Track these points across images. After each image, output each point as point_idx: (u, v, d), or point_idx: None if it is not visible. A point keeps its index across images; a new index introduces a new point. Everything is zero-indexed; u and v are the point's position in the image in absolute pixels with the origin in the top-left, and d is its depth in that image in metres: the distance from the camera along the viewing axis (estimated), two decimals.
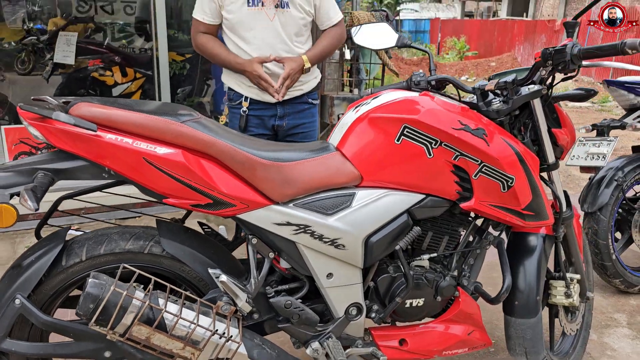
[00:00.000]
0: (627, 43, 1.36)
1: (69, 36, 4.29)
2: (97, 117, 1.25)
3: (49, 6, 4.93)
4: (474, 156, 1.48)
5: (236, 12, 2.10)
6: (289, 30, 2.15)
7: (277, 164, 1.40)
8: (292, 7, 2.14)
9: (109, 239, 1.40)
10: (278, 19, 2.12)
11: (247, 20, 2.10)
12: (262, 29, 2.11)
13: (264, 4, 2.10)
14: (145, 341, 1.24)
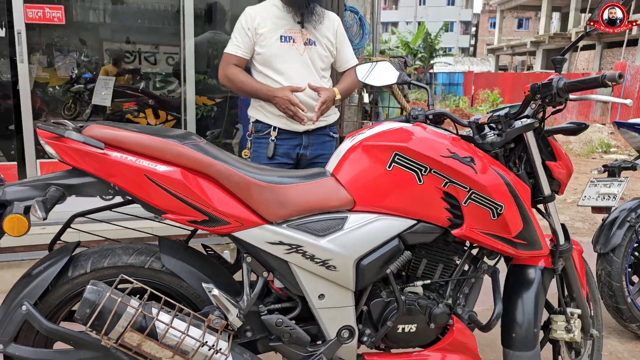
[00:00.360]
0: (607, 75, 1.41)
1: (107, 80, 4.59)
2: (105, 137, 1.37)
3: (96, 57, 5.30)
4: (462, 183, 1.53)
5: (270, 46, 2.28)
6: (317, 64, 2.36)
7: (271, 186, 1.48)
8: (319, 45, 2.35)
9: (113, 254, 1.49)
10: (307, 54, 2.32)
11: (281, 54, 2.28)
12: (294, 62, 2.29)
13: (295, 41, 2.30)
14: (137, 348, 1.31)
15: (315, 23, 2.33)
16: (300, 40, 2.31)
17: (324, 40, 2.38)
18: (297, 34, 2.31)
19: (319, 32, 2.36)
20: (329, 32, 2.40)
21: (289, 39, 2.30)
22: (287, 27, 2.31)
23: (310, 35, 2.34)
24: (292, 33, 2.31)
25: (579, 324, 1.85)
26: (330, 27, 2.41)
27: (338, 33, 2.44)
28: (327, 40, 2.39)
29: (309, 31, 2.33)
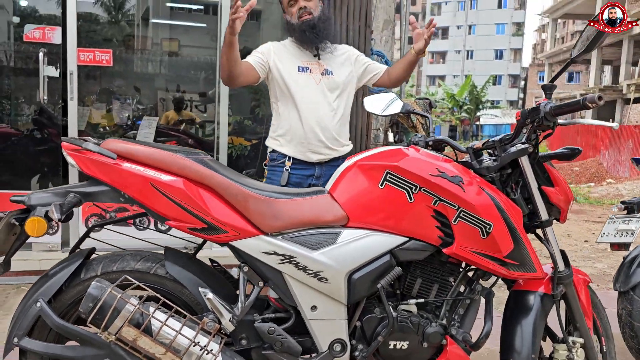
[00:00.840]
0: (587, 98, 1.47)
1: (151, 120, 4.89)
2: (118, 150, 1.53)
3: (151, 105, 5.70)
4: (451, 201, 1.58)
5: (288, 76, 2.39)
6: (335, 92, 2.45)
7: (268, 199, 1.58)
8: (336, 75, 2.45)
9: (122, 259, 1.62)
10: (324, 83, 2.42)
11: (299, 83, 2.40)
12: (311, 90, 2.40)
13: (312, 71, 2.42)
14: (133, 343, 1.41)
15: (331, 53, 2.47)
16: (317, 70, 2.43)
17: (342, 68, 2.47)
18: (314, 65, 2.43)
19: (335, 62, 2.47)
20: (348, 61, 2.51)
21: (306, 69, 2.43)
22: (305, 59, 2.44)
23: (327, 66, 2.45)
24: (309, 64, 2.44)
25: (581, 353, 1.81)
26: (348, 56, 2.52)
27: (359, 58, 2.55)
28: (345, 68, 2.48)
29: (326, 62, 2.45)
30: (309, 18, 2.40)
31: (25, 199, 1.51)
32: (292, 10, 2.43)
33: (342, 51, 2.54)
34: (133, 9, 5.97)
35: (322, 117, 2.38)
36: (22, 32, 3.62)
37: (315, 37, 2.39)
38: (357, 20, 3.71)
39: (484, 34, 51.90)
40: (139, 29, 6.04)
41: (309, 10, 2.40)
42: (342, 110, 2.47)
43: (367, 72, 2.56)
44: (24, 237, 1.55)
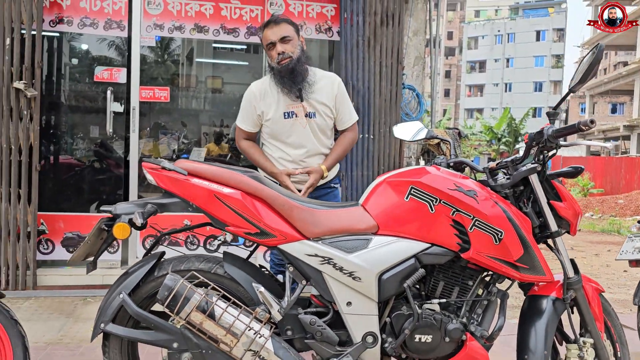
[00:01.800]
0: (581, 122, 1.72)
1: (200, 151, 5.32)
2: (188, 168, 1.86)
3: (195, 139, 6.16)
4: (467, 212, 1.84)
5: (275, 123, 2.57)
6: (318, 134, 2.63)
7: (310, 209, 1.88)
8: (318, 116, 2.60)
9: (188, 260, 1.93)
10: (309, 126, 2.59)
11: (286, 129, 2.57)
12: (299, 134, 2.58)
13: (297, 115, 2.57)
14: (199, 325, 1.70)
15: (312, 93, 2.55)
16: (302, 113, 2.55)
17: (323, 108, 2.59)
18: (299, 107, 2.55)
19: (317, 102, 2.57)
20: (328, 98, 2.59)
21: (292, 114, 2.55)
22: (288, 103, 2.55)
23: (310, 108, 2.56)
24: (294, 108, 2.55)
25: (591, 352, 2.00)
26: (329, 91, 2.60)
27: (337, 95, 2.62)
28: (326, 108, 2.59)
29: (309, 103, 2.56)
30: (288, 62, 2.50)
31: (112, 208, 1.85)
32: (272, 53, 2.55)
33: (324, 90, 2.60)
34: (179, 49, 6.47)
35: (309, 155, 2.59)
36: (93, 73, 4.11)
37: (296, 82, 2.52)
38: (389, 57, 4.05)
39: (522, 66, 51.77)
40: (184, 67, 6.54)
41: (287, 54, 2.51)
42: (326, 145, 2.66)
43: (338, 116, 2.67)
44: (110, 240, 1.89)
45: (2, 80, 3.63)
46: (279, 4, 4.15)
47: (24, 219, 3.70)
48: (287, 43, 2.53)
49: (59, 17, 3.93)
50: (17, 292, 3.69)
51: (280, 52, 2.51)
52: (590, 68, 1.75)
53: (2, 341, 1.92)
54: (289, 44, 2.53)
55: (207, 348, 1.74)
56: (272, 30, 2.54)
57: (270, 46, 2.55)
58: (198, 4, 4.12)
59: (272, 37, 2.53)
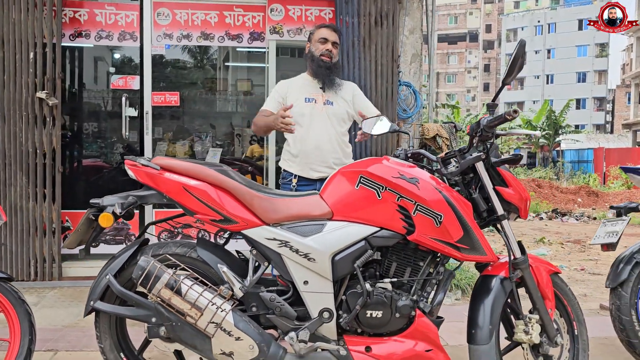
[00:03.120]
0: (505, 112, 1.88)
1: (216, 151, 5.61)
2: (161, 163, 2.10)
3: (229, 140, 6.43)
4: (409, 197, 2.01)
5: (297, 105, 2.99)
6: (333, 120, 3.03)
7: (270, 198, 2.10)
8: (335, 105, 3.05)
9: (166, 245, 2.18)
10: (326, 112, 3.01)
11: (306, 111, 2.99)
12: (315, 117, 2.99)
13: (316, 102, 3.02)
14: (168, 301, 1.95)
15: (335, 88, 3.06)
16: (321, 101, 3.03)
17: (341, 101, 3.06)
18: (319, 96, 3.04)
19: (337, 95, 3.06)
20: (346, 95, 3.09)
21: (312, 99, 3.03)
22: (311, 91, 3.04)
23: (329, 97, 3.04)
24: (315, 95, 3.04)
25: (537, 327, 2.13)
26: (348, 92, 3.11)
27: (356, 96, 3.13)
28: (343, 102, 3.07)
29: (328, 94, 3.05)
30: (328, 61, 3.03)
31: (99, 201, 2.12)
32: (320, 46, 3.03)
33: (345, 90, 3.10)
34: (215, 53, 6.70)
35: (324, 140, 2.93)
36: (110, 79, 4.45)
37: (326, 76, 3.00)
38: (384, 56, 4.21)
39: (565, 57, 50.27)
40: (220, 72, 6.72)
41: (331, 54, 3.04)
42: (342, 134, 3.01)
43: (359, 109, 3.08)
44: (99, 229, 2.16)
45: (27, 91, 4.01)
46: (279, 10, 4.38)
47: (49, 216, 4.07)
48: (335, 48, 3.07)
49: (78, 31, 4.29)
50: (44, 282, 4.07)
51: (329, 49, 3.02)
52: (514, 63, 1.90)
53: (12, 317, 2.22)
54: (336, 49, 3.07)
55: (177, 321, 1.99)
56: (330, 32, 3.06)
57: (323, 40, 3.02)
58: (204, 13, 4.40)
59: (328, 36, 3.03)
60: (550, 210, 12.72)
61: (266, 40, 4.44)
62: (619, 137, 37.37)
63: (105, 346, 2.17)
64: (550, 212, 12.27)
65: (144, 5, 4.34)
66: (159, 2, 4.36)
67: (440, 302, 2.07)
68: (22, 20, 3.99)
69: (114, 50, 5.10)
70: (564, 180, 22.61)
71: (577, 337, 2.31)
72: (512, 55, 1.91)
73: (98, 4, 4.34)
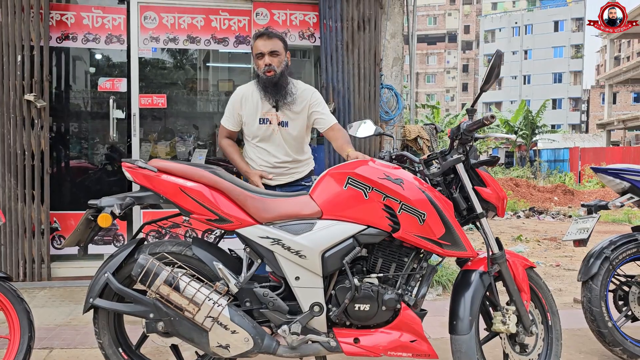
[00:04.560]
0: (484, 117, 2.02)
1: (202, 153, 5.68)
2: (158, 166, 2.20)
3: (211, 141, 6.49)
4: (394, 197, 2.14)
5: (251, 127, 2.88)
6: (289, 142, 2.91)
7: (262, 198, 2.20)
8: (290, 126, 2.88)
9: (163, 244, 2.28)
10: (280, 134, 2.89)
11: (260, 133, 2.88)
12: (271, 139, 2.89)
13: (271, 122, 2.87)
14: (167, 297, 2.04)
15: (288, 105, 2.83)
16: (275, 121, 2.85)
17: (297, 119, 2.86)
18: (273, 116, 2.85)
19: (292, 112, 2.85)
20: (302, 108, 2.87)
21: (266, 120, 2.85)
22: (265, 110, 2.85)
23: (284, 117, 2.85)
24: (269, 115, 2.85)
25: (513, 318, 2.28)
26: (304, 102, 2.87)
27: (313, 103, 2.88)
28: (299, 117, 2.86)
29: (283, 113, 2.85)
30: (272, 75, 2.76)
31: (97, 202, 2.21)
32: (259, 62, 2.79)
33: (300, 102, 2.87)
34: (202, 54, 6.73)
35: (278, 157, 2.89)
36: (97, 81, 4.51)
37: (276, 93, 2.80)
38: (367, 60, 4.35)
39: (541, 58, 51.21)
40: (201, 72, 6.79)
41: (272, 67, 2.76)
42: (297, 149, 2.95)
43: (314, 123, 2.92)
44: (97, 229, 2.24)
45: (15, 93, 4.04)
46: (264, 14, 4.48)
47: (38, 217, 4.11)
48: (275, 57, 2.78)
49: (65, 34, 4.33)
50: (34, 282, 4.11)
51: (267, 63, 2.76)
52: (492, 71, 2.04)
53: (11, 315, 2.29)
54: (277, 58, 2.78)
55: (175, 316, 2.08)
56: (264, 42, 2.78)
57: (259, 56, 2.79)
58: (190, 16, 4.48)
59: (263, 49, 2.78)
60: (528, 208, 13.02)
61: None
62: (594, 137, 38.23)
63: (104, 342, 2.25)
64: (527, 211, 12.56)
65: (131, 8, 4.40)
66: (146, 5, 4.43)
67: (423, 295, 2.20)
68: (9, 23, 4.03)
69: (100, 52, 5.13)
70: (541, 179, 23.08)
71: (551, 327, 2.47)
72: (489, 65, 2.05)
73: (85, 7, 4.38)
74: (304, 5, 4.53)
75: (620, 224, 10.65)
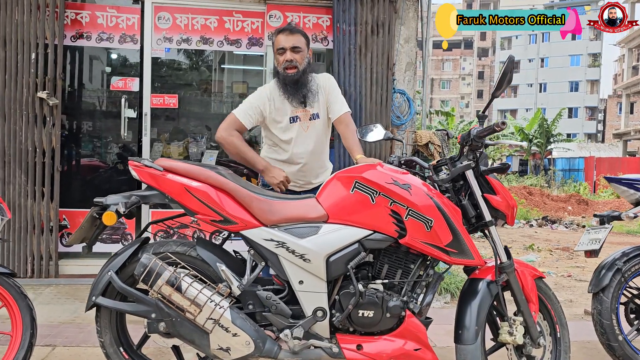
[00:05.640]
0: (495, 124, 1.98)
1: (213, 154, 5.69)
2: (164, 165, 2.19)
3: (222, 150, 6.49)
4: (402, 202, 2.11)
5: (281, 126, 2.77)
6: (320, 135, 2.85)
7: (267, 200, 2.18)
8: (321, 116, 2.82)
9: (167, 244, 2.26)
10: (311, 129, 2.81)
11: (290, 132, 2.77)
12: (300, 137, 2.79)
13: (301, 119, 2.78)
14: (169, 297, 2.03)
15: (314, 97, 2.75)
16: (306, 117, 2.76)
17: (323, 107, 2.79)
18: (302, 112, 2.76)
19: (320, 103, 2.78)
20: (322, 95, 2.78)
21: (296, 118, 2.76)
22: (294, 108, 2.75)
23: (314, 110, 2.78)
24: (298, 113, 2.76)
25: (521, 329, 2.23)
26: (323, 87, 2.78)
27: (327, 87, 2.77)
28: (325, 107, 2.80)
29: (313, 107, 2.78)
30: (293, 72, 2.68)
31: (103, 200, 2.20)
32: (280, 58, 2.71)
33: (321, 92, 2.78)
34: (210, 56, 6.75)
35: (308, 159, 2.81)
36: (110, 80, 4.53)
37: (297, 91, 2.70)
38: (379, 64, 4.32)
39: (558, 66, 50.73)
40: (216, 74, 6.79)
41: (294, 63, 2.68)
42: (324, 146, 2.90)
43: (328, 111, 2.81)
44: (102, 227, 2.23)
45: (28, 90, 4.07)
46: (277, 16, 4.48)
47: (47, 214, 4.13)
48: (297, 53, 2.69)
49: (79, 33, 4.36)
50: (41, 279, 4.13)
51: (289, 59, 2.67)
52: (504, 77, 2.00)
53: (14, 310, 2.30)
54: (299, 54, 2.69)
55: (176, 316, 2.07)
56: (286, 37, 2.70)
57: (281, 51, 2.69)
58: (203, 17, 4.49)
59: (284, 44, 2.69)
60: (540, 217, 12.87)
61: (264, 45, 4.53)
62: (610, 147, 37.76)
63: (105, 340, 2.24)
64: (540, 220, 12.42)
65: (145, 8, 4.42)
66: (160, 6, 4.45)
67: (429, 304, 2.16)
68: (24, 21, 4.06)
69: (114, 52, 5.16)
70: (555, 188, 22.83)
71: (559, 340, 2.41)
72: (501, 70, 2.01)
73: (100, 7, 4.41)
74: (317, 8, 4.51)
75: (635, 235, 10.48)
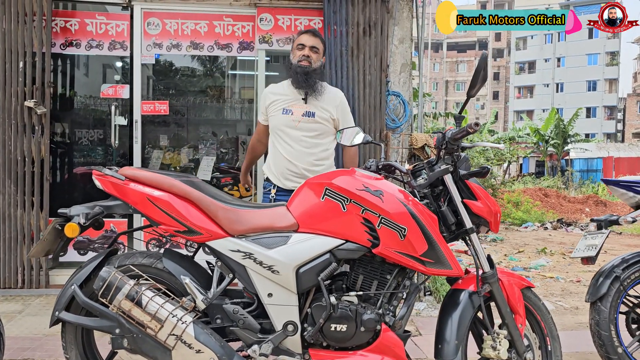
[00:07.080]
0: (468, 125, 1.86)
1: (209, 160, 5.62)
2: (127, 174, 2.10)
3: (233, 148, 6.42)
4: (373, 210, 1.99)
5: (274, 117, 2.94)
6: (311, 133, 2.89)
7: (234, 209, 2.08)
8: (317, 116, 2.89)
9: (133, 256, 2.17)
10: (302, 124, 2.88)
11: (281, 123, 2.91)
12: (291, 130, 2.90)
13: (293, 113, 2.90)
14: (128, 312, 1.93)
15: (317, 95, 2.89)
16: (299, 112, 2.88)
17: (324, 111, 2.90)
18: (297, 107, 2.89)
19: (320, 103, 2.90)
20: (330, 105, 2.92)
21: (289, 111, 2.91)
22: (291, 102, 2.91)
23: (311, 108, 2.89)
24: (293, 106, 2.90)
25: (505, 343, 2.09)
26: (332, 99, 2.95)
27: (340, 105, 2.96)
28: (326, 112, 2.90)
29: (311, 104, 2.89)
30: (306, 65, 2.87)
31: (67, 210, 2.12)
32: (298, 53, 2.91)
33: (329, 98, 2.94)
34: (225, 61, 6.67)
35: (297, 153, 2.85)
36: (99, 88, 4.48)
37: (305, 83, 2.86)
38: (372, 66, 4.20)
39: (575, 65, 49.92)
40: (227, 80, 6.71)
41: (309, 59, 2.88)
42: (320, 146, 2.91)
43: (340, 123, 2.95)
44: (65, 239, 2.15)
45: (16, 99, 4.04)
46: (268, 19, 4.39)
47: (37, 224, 4.09)
48: (314, 53, 2.91)
49: (69, 41, 4.32)
50: (31, 290, 4.08)
51: (306, 55, 2.89)
52: (477, 75, 1.88)
53: None
54: (316, 54, 2.92)
55: (138, 332, 1.97)
56: (309, 37, 2.93)
57: (301, 47, 2.91)
58: (193, 22, 4.42)
59: (306, 42, 2.92)
60: (555, 220, 12.58)
61: (255, 49, 4.45)
62: (630, 147, 36.90)
63: (71, 357, 2.16)
64: (555, 222, 12.13)
65: (134, 15, 4.36)
66: (149, 11, 4.39)
67: (405, 316, 2.03)
68: (12, 29, 4.04)
69: (104, 59, 5.12)
70: (573, 190, 22.40)
71: (550, 353, 2.27)
72: (475, 69, 1.89)
73: (89, 14, 4.37)
74: (309, 10, 4.41)
75: None
